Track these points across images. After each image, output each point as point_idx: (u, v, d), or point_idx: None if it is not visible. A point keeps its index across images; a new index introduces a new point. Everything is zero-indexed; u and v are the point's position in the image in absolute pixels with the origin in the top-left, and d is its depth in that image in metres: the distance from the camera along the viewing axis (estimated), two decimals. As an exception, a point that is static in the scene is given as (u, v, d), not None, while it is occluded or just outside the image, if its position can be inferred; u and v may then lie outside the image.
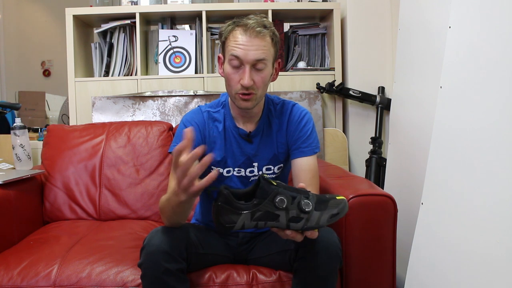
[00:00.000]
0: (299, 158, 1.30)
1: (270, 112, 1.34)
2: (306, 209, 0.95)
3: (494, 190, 1.19)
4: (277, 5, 2.32)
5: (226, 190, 0.96)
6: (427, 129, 1.42)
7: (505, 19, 1.21)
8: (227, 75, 1.23)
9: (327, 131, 2.27)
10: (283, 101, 1.37)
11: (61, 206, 1.74)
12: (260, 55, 1.18)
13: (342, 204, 1.01)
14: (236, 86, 1.21)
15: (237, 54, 1.18)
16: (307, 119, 1.34)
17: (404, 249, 1.48)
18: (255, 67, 1.20)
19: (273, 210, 0.95)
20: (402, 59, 1.77)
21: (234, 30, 1.20)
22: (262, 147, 1.33)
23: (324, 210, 0.97)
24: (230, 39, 1.21)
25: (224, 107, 1.34)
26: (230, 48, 1.20)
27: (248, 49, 1.17)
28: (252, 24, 1.18)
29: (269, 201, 0.95)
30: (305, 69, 2.31)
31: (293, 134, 1.32)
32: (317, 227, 0.98)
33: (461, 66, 1.30)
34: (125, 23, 2.27)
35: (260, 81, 1.21)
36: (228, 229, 0.97)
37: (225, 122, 1.33)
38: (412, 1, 1.70)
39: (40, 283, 1.23)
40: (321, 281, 1.12)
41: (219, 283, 1.23)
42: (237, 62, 1.19)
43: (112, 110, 2.19)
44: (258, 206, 0.95)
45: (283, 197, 0.95)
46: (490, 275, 1.18)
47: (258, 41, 1.18)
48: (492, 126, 1.21)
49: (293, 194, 0.96)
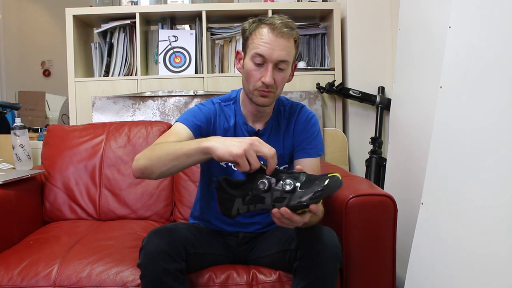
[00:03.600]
0: (303, 158, 1.31)
1: (280, 113, 1.35)
2: (286, 188, 0.97)
3: (494, 190, 1.19)
4: (277, 5, 2.31)
5: (223, 180, 1.04)
6: (427, 129, 1.42)
7: (505, 19, 1.21)
8: (248, 71, 1.22)
9: (327, 131, 2.27)
10: (292, 102, 1.38)
11: (61, 206, 1.74)
12: (284, 56, 1.19)
13: (328, 180, 0.97)
14: (257, 83, 1.21)
15: (262, 52, 1.18)
16: (314, 121, 1.35)
17: (404, 249, 1.48)
18: (277, 67, 1.20)
19: (259, 193, 0.99)
20: (402, 59, 1.77)
21: (260, 27, 1.20)
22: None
23: (309, 188, 0.97)
24: (256, 36, 1.20)
25: (235, 103, 1.34)
26: (256, 45, 1.19)
27: (273, 48, 1.17)
28: (279, 24, 1.18)
29: (255, 185, 1.00)
30: (305, 69, 2.31)
31: (300, 135, 1.33)
32: (301, 206, 0.96)
33: (461, 66, 1.30)
34: (125, 23, 2.27)
35: (281, 80, 1.22)
36: (228, 215, 1.04)
37: (236, 118, 1.33)
38: (412, 1, 1.70)
39: (40, 283, 1.23)
40: (321, 281, 1.12)
41: (219, 283, 1.23)
42: (260, 60, 1.19)
43: (112, 110, 2.19)
44: (246, 191, 1.01)
45: (264, 179, 0.99)
46: (490, 275, 1.18)
47: (283, 41, 1.18)
48: (492, 126, 1.21)
49: (278, 176, 0.99)
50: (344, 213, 1.25)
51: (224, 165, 1.33)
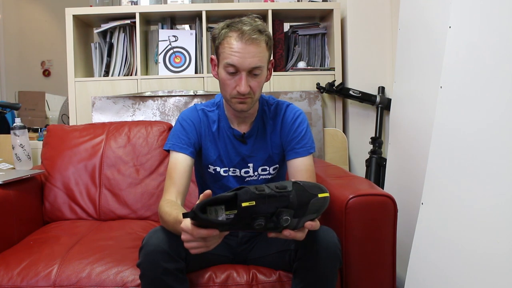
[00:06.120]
0: (294, 159, 1.30)
1: (265, 113, 1.34)
2: (284, 224, 0.93)
3: (494, 190, 1.19)
4: (277, 5, 2.31)
5: (199, 211, 0.90)
6: (427, 129, 1.42)
7: (505, 19, 1.20)
8: (222, 80, 1.22)
9: (327, 131, 2.27)
10: (277, 101, 1.36)
11: (61, 206, 1.74)
12: (256, 63, 1.17)
13: (321, 205, 0.97)
14: (232, 92, 1.20)
15: (233, 62, 1.16)
16: (301, 119, 1.33)
17: (404, 249, 1.48)
18: (251, 73, 1.19)
19: (250, 227, 0.92)
20: (402, 59, 1.77)
21: (228, 36, 1.17)
22: (257, 148, 1.33)
23: (303, 216, 0.95)
24: (224, 45, 1.18)
25: (219, 107, 1.34)
26: (226, 55, 1.17)
27: (244, 56, 1.15)
28: (248, 31, 1.15)
29: (247, 222, 0.92)
30: (305, 69, 2.31)
31: (287, 135, 1.32)
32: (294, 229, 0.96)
33: (461, 66, 1.30)
34: (125, 23, 2.27)
35: (257, 85, 1.21)
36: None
37: (219, 123, 1.33)
38: (412, 1, 1.70)
39: (40, 283, 1.23)
40: (321, 281, 1.12)
41: (219, 283, 1.23)
42: (233, 69, 1.18)
43: (112, 110, 2.19)
44: (234, 226, 0.92)
45: (261, 222, 0.91)
46: (490, 275, 1.18)
47: (253, 48, 1.16)
48: (492, 126, 1.21)
49: (271, 209, 0.92)
50: (344, 213, 1.25)
51: (212, 171, 1.34)
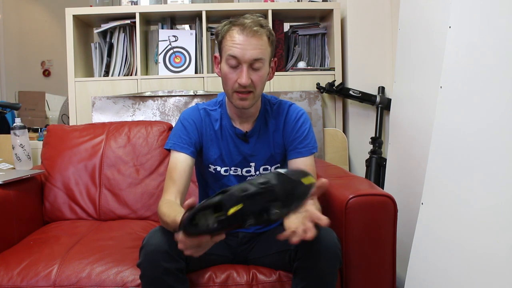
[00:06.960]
0: (296, 158, 1.31)
1: (267, 112, 1.35)
2: (274, 218, 0.93)
3: (494, 190, 1.19)
4: (277, 5, 2.31)
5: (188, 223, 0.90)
6: (427, 129, 1.42)
7: (505, 19, 1.21)
8: (224, 74, 1.23)
9: (327, 131, 2.27)
10: (280, 101, 1.37)
11: (61, 206, 1.74)
12: (257, 55, 1.19)
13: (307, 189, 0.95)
14: (234, 85, 1.22)
15: (234, 53, 1.19)
16: (304, 119, 1.34)
17: (404, 249, 1.48)
18: (252, 67, 1.20)
19: (242, 227, 0.92)
20: (402, 59, 1.77)
21: (230, 29, 1.21)
22: (259, 147, 1.33)
23: (292, 204, 0.94)
24: (227, 39, 1.21)
25: (221, 106, 1.34)
26: (228, 47, 1.20)
27: (245, 48, 1.18)
28: (249, 24, 1.18)
29: (238, 224, 0.91)
30: (305, 69, 2.31)
31: (290, 135, 1.33)
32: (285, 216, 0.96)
33: (461, 66, 1.30)
34: (125, 23, 2.27)
35: (258, 79, 1.22)
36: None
37: (221, 121, 1.33)
38: (412, 1, 1.70)
39: (40, 283, 1.23)
40: (321, 281, 1.12)
41: (219, 283, 1.23)
42: (234, 62, 1.20)
43: (112, 110, 2.19)
44: (225, 230, 0.91)
45: (251, 221, 0.91)
46: (490, 275, 1.18)
47: (255, 40, 1.18)
48: (492, 126, 1.21)
49: (258, 206, 0.91)
50: (344, 213, 1.25)
51: (213, 171, 1.34)
